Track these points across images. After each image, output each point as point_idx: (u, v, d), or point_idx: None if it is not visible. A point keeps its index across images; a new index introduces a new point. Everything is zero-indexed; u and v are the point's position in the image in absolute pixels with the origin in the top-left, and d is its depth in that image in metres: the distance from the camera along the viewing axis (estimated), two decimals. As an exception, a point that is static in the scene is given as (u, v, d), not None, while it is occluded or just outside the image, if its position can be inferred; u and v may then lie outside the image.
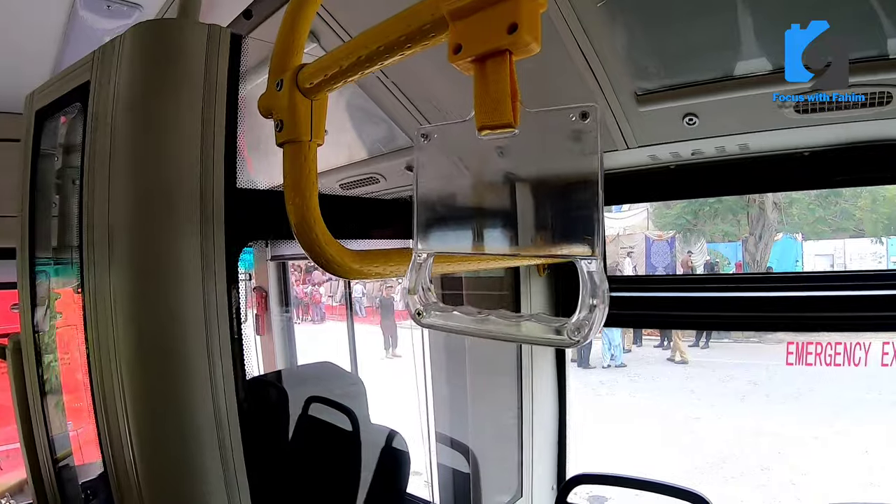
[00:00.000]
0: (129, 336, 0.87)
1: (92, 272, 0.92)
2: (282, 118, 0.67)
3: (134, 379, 0.88)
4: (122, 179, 0.87)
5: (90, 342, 0.95)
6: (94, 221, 0.92)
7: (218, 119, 0.86)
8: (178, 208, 0.84)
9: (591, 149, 0.48)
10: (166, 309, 0.86)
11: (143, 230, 0.86)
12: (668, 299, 1.63)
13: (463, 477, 1.56)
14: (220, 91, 0.87)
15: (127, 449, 0.90)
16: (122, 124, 0.86)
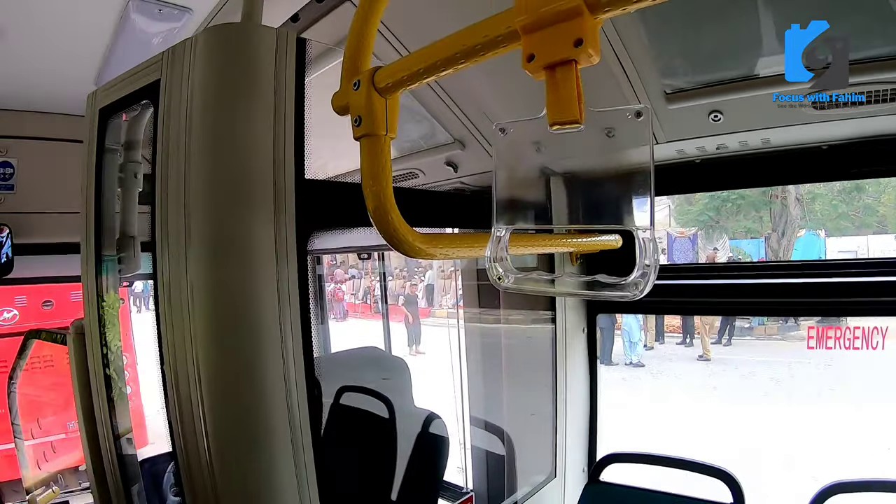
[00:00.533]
0: (206, 319, 0.95)
1: (165, 259, 1.00)
2: (360, 114, 0.77)
3: (209, 360, 0.96)
4: (199, 172, 0.95)
5: (164, 325, 1.03)
6: (169, 211, 1.00)
7: (287, 115, 0.96)
8: (253, 198, 0.94)
9: (644, 141, 0.59)
10: (242, 293, 0.95)
11: (219, 219, 0.95)
12: (696, 286, 1.74)
13: (498, 459, 1.67)
14: (288, 89, 0.96)
15: (199, 426, 0.97)
16: (198, 121, 0.95)
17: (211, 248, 0.95)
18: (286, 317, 0.98)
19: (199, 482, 0.98)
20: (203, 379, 0.96)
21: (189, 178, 0.96)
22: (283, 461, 0.99)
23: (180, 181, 0.98)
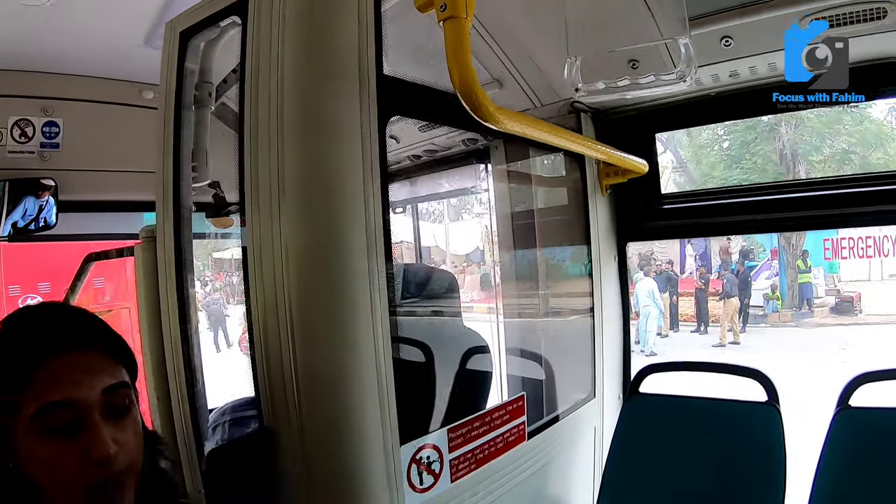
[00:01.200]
0: (301, 271, 1.05)
1: (254, 204, 1.09)
2: (445, 2, 0.96)
3: (303, 315, 1.05)
4: (293, 69, 1.06)
5: (253, 277, 1.11)
6: (259, 118, 1.09)
7: (369, 19, 1.10)
8: (344, 89, 1.06)
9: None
10: (330, 240, 1.06)
11: (313, 105, 1.05)
12: (721, 206, 1.95)
13: (538, 382, 1.83)
14: (370, 6, 1.12)
15: (289, 379, 1.05)
16: (293, 29, 1.07)
17: (305, 131, 1.06)
18: (374, 272, 1.08)
19: (285, 422, 1.06)
20: (296, 330, 1.05)
21: (282, 82, 1.07)
22: (370, 398, 1.08)
23: (271, 91, 1.08)
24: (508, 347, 1.95)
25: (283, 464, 1.08)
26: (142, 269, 1.38)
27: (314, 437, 1.05)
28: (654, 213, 2.09)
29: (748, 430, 1.66)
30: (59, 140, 2.28)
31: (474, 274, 11.60)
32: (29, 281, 5.14)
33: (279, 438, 1.08)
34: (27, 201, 2.24)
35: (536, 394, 1.79)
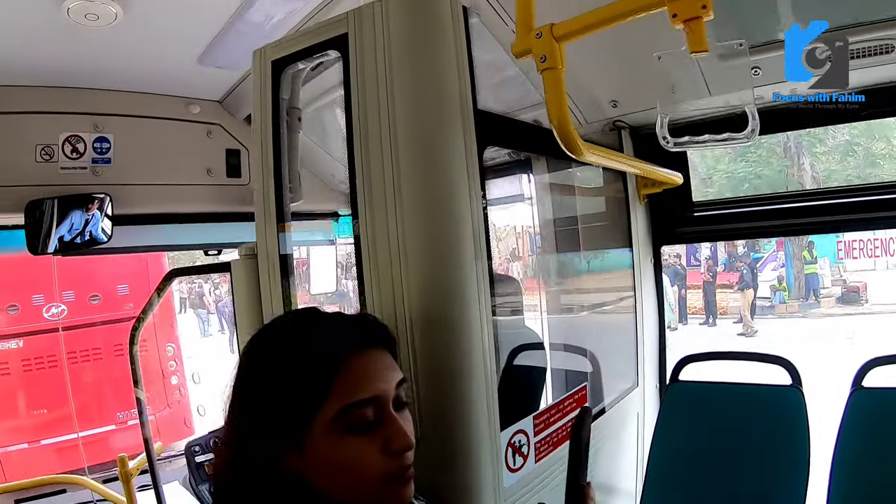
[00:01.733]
0: (419, 270, 1.21)
1: (369, 209, 1.25)
2: (544, 54, 1.17)
3: (422, 309, 1.21)
4: (403, 104, 1.22)
5: (368, 275, 1.27)
6: (370, 144, 1.25)
7: (462, 57, 1.29)
8: (449, 124, 1.24)
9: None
10: (448, 244, 1.23)
11: (425, 143, 1.23)
12: (749, 213, 2.22)
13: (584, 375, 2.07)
14: (459, 34, 1.30)
15: (406, 367, 1.16)
16: (399, 65, 1.24)
17: (421, 172, 1.23)
18: (481, 270, 1.26)
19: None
20: (416, 325, 1.21)
21: (394, 109, 1.24)
22: (478, 388, 1.25)
23: (381, 115, 1.24)
24: (562, 343, 2.19)
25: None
26: (243, 281, 1.55)
27: (431, 421, 1.20)
28: (686, 219, 2.35)
29: (776, 412, 1.92)
30: (111, 155, 2.40)
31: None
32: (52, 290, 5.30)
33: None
34: (73, 215, 2.32)
35: (591, 384, 2.02)
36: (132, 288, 5.75)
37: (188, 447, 2.58)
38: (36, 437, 5.24)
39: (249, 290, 1.53)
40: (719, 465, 1.95)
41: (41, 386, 5.33)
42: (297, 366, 0.80)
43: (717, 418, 2.01)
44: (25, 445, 5.17)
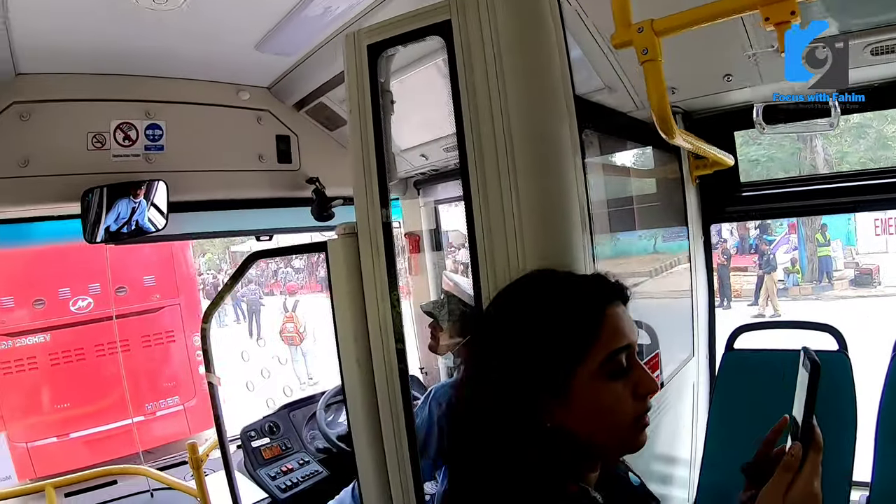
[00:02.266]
0: (535, 245, 1.28)
1: (482, 187, 1.31)
2: (646, 47, 1.27)
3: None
4: (514, 90, 1.29)
5: (482, 250, 1.33)
6: (482, 125, 1.32)
7: (561, 42, 1.35)
8: (556, 107, 1.32)
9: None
10: (560, 219, 1.30)
11: (536, 128, 1.30)
12: (794, 193, 2.38)
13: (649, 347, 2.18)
14: (556, 20, 1.36)
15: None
16: (507, 51, 1.31)
17: (534, 154, 1.30)
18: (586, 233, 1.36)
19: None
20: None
21: (504, 92, 1.31)
22: None
23: (492, 97, 1.31)
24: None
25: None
26: (341, 260, 1.60)
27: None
28: (734, 199, 2.48)
29: (825, 376, 2.05)
30: (164, 142, 2.44)
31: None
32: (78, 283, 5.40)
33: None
34: (120, 204, 2.34)
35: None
36: (159, 279, 5.85)
37: (244, 432, 2.70)
38: (65, 431, 5.35)
39: (349, 269, 1.59)
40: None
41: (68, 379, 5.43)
42: (568, 315, 0.85)
43: (771, 384, 2.12)
44: (54, 439, 5.28)
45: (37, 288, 5.37)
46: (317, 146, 2.83)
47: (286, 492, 2.52)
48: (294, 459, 2.69)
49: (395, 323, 1.53)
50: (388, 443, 1.59)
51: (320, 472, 2.65)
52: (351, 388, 1.62)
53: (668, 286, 2.35)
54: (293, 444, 2.75)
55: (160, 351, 5.90)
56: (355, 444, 1.66)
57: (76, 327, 5.45)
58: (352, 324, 1.59)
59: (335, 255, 1.63)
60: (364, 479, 1.67)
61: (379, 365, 1.56)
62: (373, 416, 1.61)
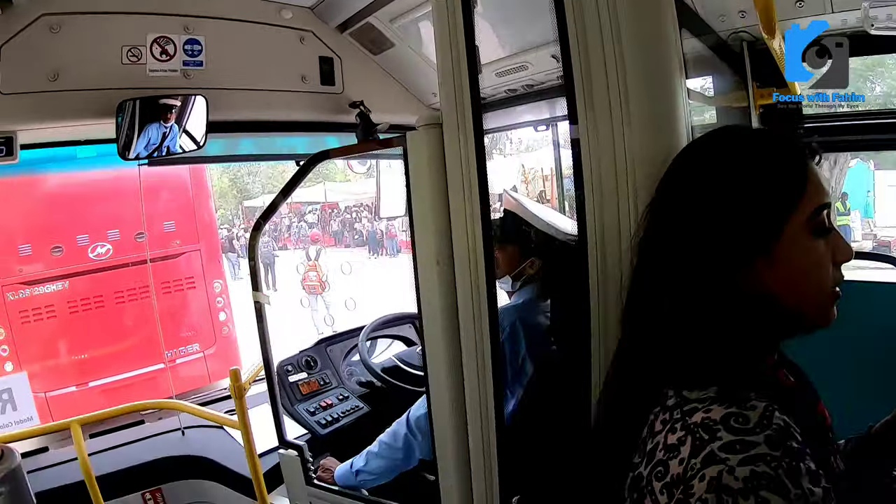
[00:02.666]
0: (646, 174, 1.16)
1: (590, 113, 1.21)
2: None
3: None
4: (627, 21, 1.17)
5: (588, 178, 1.24)
6: (591, 62, 1.21)
7: None
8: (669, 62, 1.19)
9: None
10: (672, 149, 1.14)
11: (651, 74, 1.18)
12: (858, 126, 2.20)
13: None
14: None
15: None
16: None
17: (647, 83, 1.18)
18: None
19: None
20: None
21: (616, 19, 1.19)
22: None
23: (602, 24, 1.20)
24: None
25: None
26: (424, 152, 1.48)
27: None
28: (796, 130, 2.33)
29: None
30: (203, 58, 2.31)
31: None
32: (97, 229, 5.30)
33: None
34: (150, 129, 2.22)
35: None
36: (179, 225, 5.75)
37: (280, 367, 2.58)
38: (83, 380, 5.30)
39: (432, 161, 1.48)
40: (831, 361, 1.99)
41: (87, 327, 5.35)
42: (778, 163, 0.79)
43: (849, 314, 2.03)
44: (73, 388, 5.22)
45: (55, 235, 5.24)
46: (360, 71, 2.71)
47: (326, 427, 2.41)
48: (333, 395, 2.58)
49: (484, 218, 1.40)
50: (468, 353, 1.49)
51: (361, 408, 2.55)
52: (427, 290, 1.51)
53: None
54: (331, 379, 2.64)
55: (180, 297, 5.78)
56: (428, 352, 1.56)
57: (95, 274, 5.33)
58: (433, 220, 1.48)
59: (416, 146, 1.52)
60: (436, 393, 1.58)
61: (462, 264, 1.45)
62: (450, 323, 1.50)
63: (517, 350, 1.83)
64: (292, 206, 20.23)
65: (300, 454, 2.11)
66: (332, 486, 2.07)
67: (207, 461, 2.60)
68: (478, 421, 1.52)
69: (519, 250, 1.97)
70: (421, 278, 1.51)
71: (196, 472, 2.63)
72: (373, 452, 2.00)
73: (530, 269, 1.96)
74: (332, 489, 2.06)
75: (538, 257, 1.95)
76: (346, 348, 2.80)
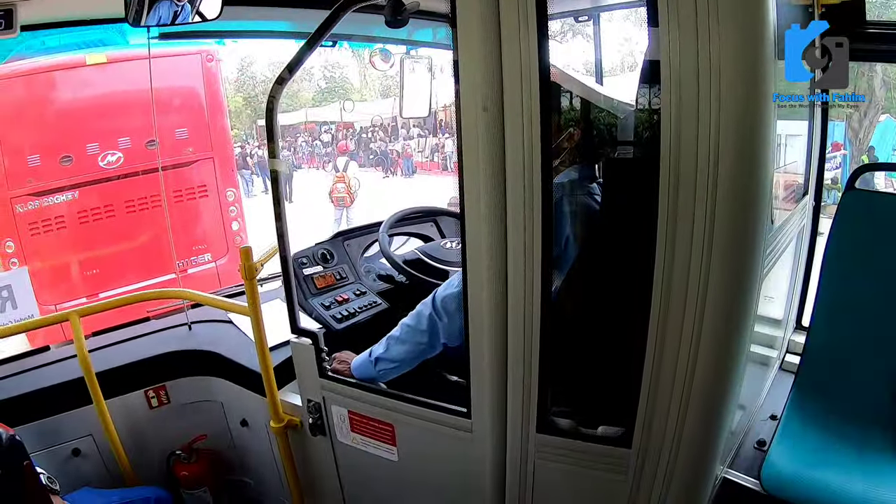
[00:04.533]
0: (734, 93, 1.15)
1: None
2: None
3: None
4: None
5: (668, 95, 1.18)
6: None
7: None
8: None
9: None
10: (761, 66, 1.16)
11: None
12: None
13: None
14: None
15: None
16: None
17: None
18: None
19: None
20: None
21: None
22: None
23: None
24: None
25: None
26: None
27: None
28: (859, 35, 2.14)
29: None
30: None
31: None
32: (108, 138, 5.14)
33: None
34: (160, 7, 1.98)
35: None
36: (191, 131, 5.58)
37: (295, 258, 2.42)
38: (94, 291, 5.24)
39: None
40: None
41: (98, 238, 5.27)
42: None
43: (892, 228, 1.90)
44: (84, 300, 5.16)
45: (64, 144, 5.07)
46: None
47: (342, 322, 2.28)
48: (349, 290, 2.43)
49: (542, 53, 1.24)
50: (514, 215, 1.36)
51: (379, 304, 2.41)
52: (470, 139, 1.35)
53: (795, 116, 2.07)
54: (348, 274, 2.49)
55: (192, 207, 5.66)
56: (467, 212, 1.41)
57: (106, 183, 5.20)
58: (482, 61, 1.29)
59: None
60: (473, 262, 1.44)
61: (513, 111, 1.30)
62: (494, 179, 1.36)
63: (560, 231, 1.65)
64: (307, 126, 19.97)
65: (314, 342, 1.96)
66: (348, 379, 1.94)
67: (215, 356, 2.47)
68: (520, 301, 1.41)
69: (558, 122, 1.81)
70: (464, 128, 1.35)
71: (203, 368, 2.50)
72: (394, 337, 1.88)
73: (567, 142, 1.78)
74: (349, 381, 1.93)
75: (576, 128, 1.77)
76: (365, 243, 2.63)
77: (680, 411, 1.34)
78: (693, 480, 1.45)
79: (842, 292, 1.95)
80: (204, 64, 5.57)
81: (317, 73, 22.47)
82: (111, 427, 2.21)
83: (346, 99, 20.47)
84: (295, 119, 20.18)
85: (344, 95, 21.39)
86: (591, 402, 1.58)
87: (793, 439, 1.81)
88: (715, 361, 1.30)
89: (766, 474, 1.64)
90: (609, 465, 1.50)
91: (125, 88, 5.00)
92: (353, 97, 21.57)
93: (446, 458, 1.76)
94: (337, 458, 2.10)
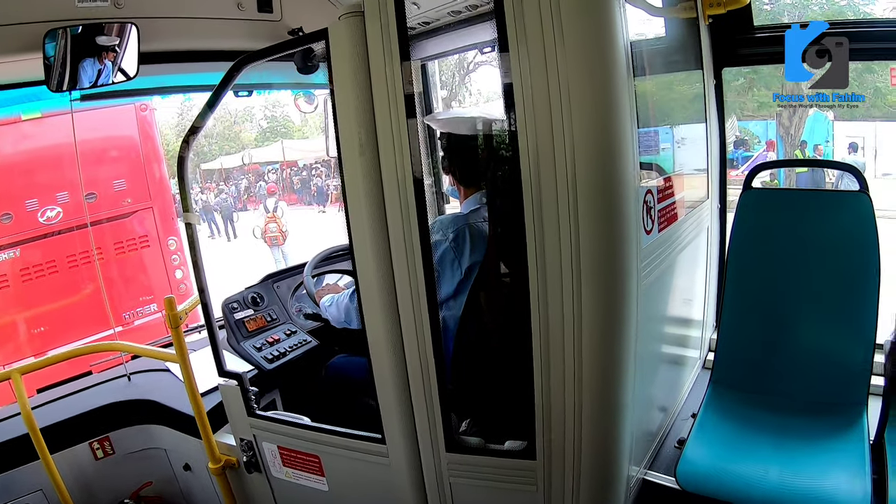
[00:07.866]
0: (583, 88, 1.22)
1: (522, 44, 1.21)
2: None
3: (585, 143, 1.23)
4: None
5: (522, 115, 1.25)
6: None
7: None
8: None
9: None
10: (611, 83, 1.24)
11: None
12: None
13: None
14: None
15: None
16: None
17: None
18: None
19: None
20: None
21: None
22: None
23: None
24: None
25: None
26: (346, 45, 1.40)
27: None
28: (747, 41, 2.28)
29: (846, 215, 1.94)
30: None
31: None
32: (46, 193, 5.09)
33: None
34: (86, 65, 2.04)
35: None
36: (130, 182, 5.54)
37: (225, 304, 2.48)
38: (42, 349, 5.09)
39: (354, 52, 1.40)
40: (794, 265, 1.97)
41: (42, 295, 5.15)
42: None
43: (790, 222, 2.01)
44: (32, 359, 5.01)
45: (2, 201, 4.99)
46: (299, -4, 2.54)
47: (272, 362, 2.35)
48: (280, 330, 2.50)
49: (409, 107, 1.34)
50: (398, 251, 1.44)
51: (309, 342, 2.48)
52: (351, 177, 1.44)
53: (686, 124, 2.18)
54: (279, 315, 2.56)
55: (135, 257, 5.60)
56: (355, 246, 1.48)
57: (46, 238, 5.12)
58: (356, 110, 1.40)
59: (338, 39, 1.43)
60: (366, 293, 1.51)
61: (387, 153, 1.39)
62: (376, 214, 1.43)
63: (463, 257, 1.78)
64: (250, 168, 19.90)
65: (240, 384, 2.01)
66: (275, 417, 2.00)
67: (153, 404, 2.48)
68: (412, 329, 1.49)
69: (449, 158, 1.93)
70: (345, 166, 1.45)
71: (144, 416, 2.51)
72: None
73: (448, 172, 1.95)
74: (276, 419, 1.99)
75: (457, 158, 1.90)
76: (294, 284, 2.71)
77: (574, 417, 1.40)
78: (601, 483, 1.50)
79: (746, 288, 2.06)
80: (138, 113, 5.58)
81: (258, 114, 22.35)
82: (59, 480, 2.20)
83: (251, 147, 20.55)
84: (237, 161, 20.04)
85: (286, 134, 21.38)
86: (495, 418, 1.63)
87: (709, 435, 1.87)
88: (599, 364, 1.37)
89: (682, 471, 1.69)
90: (520, 478, 1.55)
91: (61, 142, 4.95)
92: (294, 135, 21.60)
93: (370, 484, 1.81)
94: (275, 494, 2.13)
